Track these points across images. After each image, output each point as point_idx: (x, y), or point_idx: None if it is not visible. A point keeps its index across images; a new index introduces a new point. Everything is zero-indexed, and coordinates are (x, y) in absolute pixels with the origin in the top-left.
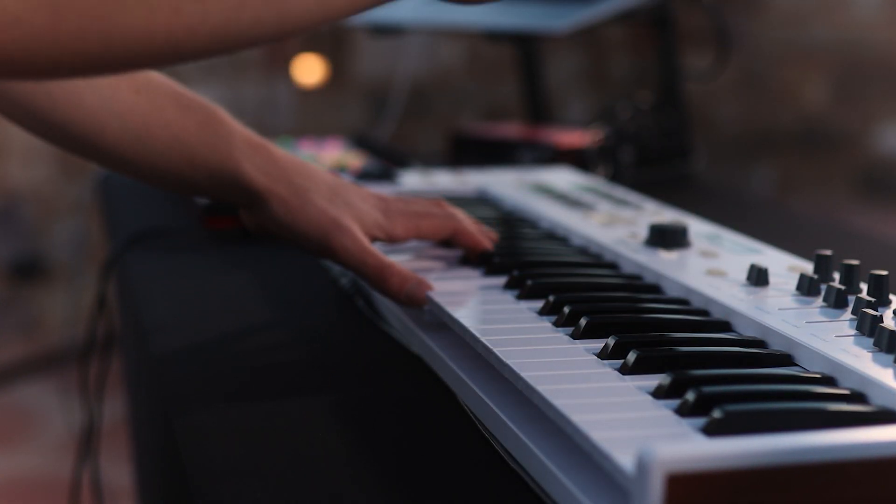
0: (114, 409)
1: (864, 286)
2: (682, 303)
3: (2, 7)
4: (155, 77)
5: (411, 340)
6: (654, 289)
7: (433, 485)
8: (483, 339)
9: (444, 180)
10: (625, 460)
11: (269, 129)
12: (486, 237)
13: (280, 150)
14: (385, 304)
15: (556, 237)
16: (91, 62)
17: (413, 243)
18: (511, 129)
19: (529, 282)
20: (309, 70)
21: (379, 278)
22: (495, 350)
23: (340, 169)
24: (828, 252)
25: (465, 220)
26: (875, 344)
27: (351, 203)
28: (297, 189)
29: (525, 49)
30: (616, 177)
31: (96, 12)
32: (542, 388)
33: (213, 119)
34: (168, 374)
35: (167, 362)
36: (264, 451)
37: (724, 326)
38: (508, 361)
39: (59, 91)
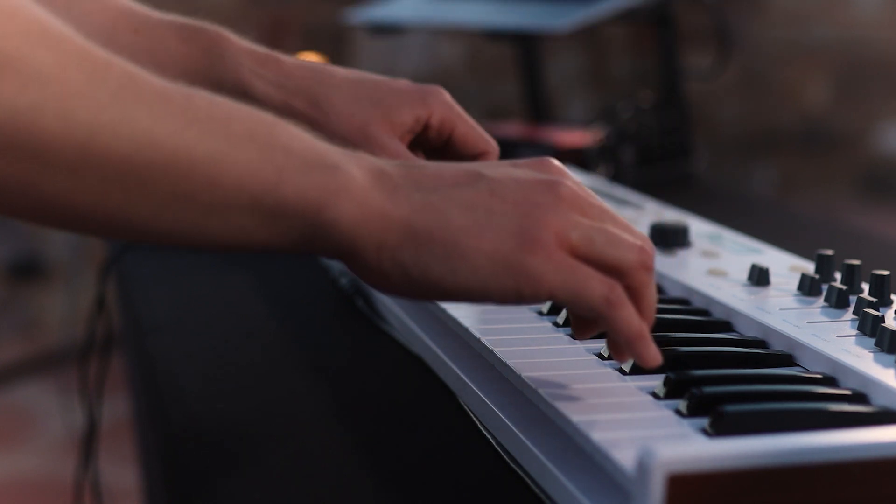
0: (113, 410)
1: (865, 286)
2: (683, 303)
3: None
4: (153, 14)
5: (411, 341)
6: (656, 289)
7: (433, 485)
8: (483, 340)
9: None
10: (626, 461)
11: None
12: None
13: (291, 59)
14: (385, 305)
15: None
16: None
17: None
18: (511, 129)
19: None
20: None
21: None
22: (496, 350)
23: None
24: (829, 252)
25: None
26: (876, 344)
27: (379, 100)
28: (316, 99)
29: (525, 48)
30: (617, 176)
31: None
32: (543, 388)
33: (218, 42)
34: (167, 375)
35: (166, 362)
36: (263, 452)
37: (726, 326)
38: (509, 362)
39: None
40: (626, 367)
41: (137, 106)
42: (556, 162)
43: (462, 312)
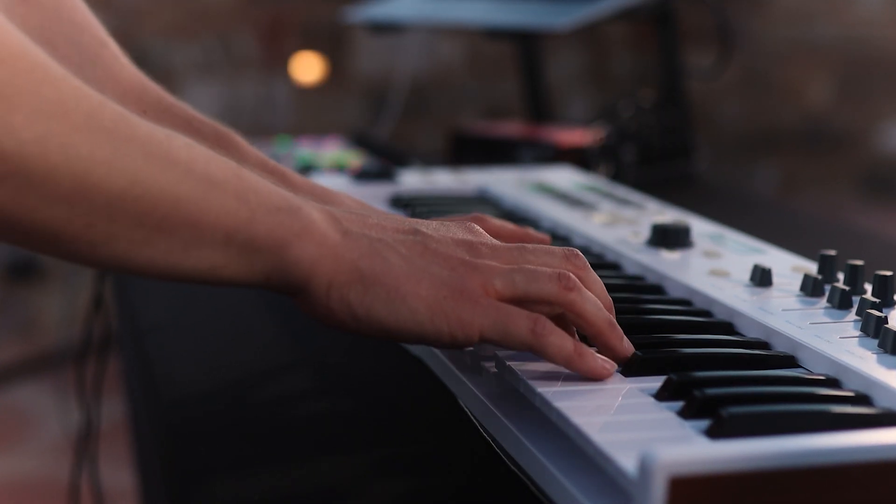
0: (111, 411)
1: (868, 287)
2: (685, 303)
3: None
4: (165, 98)
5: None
6: (657, 289)
7: (433, 486)
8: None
9: (444, 179)
10: (627, 463)
11: (267, 127)
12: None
13: (299, 176)
14: None
15: (556, 237)
16: None
17: None
18: (512, 128)
19: None
20: (307, 68)
21: None
22: (496, 352)
23: (339, 168)
24: (832, 252)
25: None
26: (880, 345)
27: None
28: None
29: (526, 47)
30: (618, 176)
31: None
32: (543, 390)
33: (226, 142)
34: (165, 375)
35: (164, 362)
36: (262, 452)
37: (727, 328)
38: (509, 363)
39: None
40: (628, 368)
41: (130, 145)
42: (475, 226)
43: None
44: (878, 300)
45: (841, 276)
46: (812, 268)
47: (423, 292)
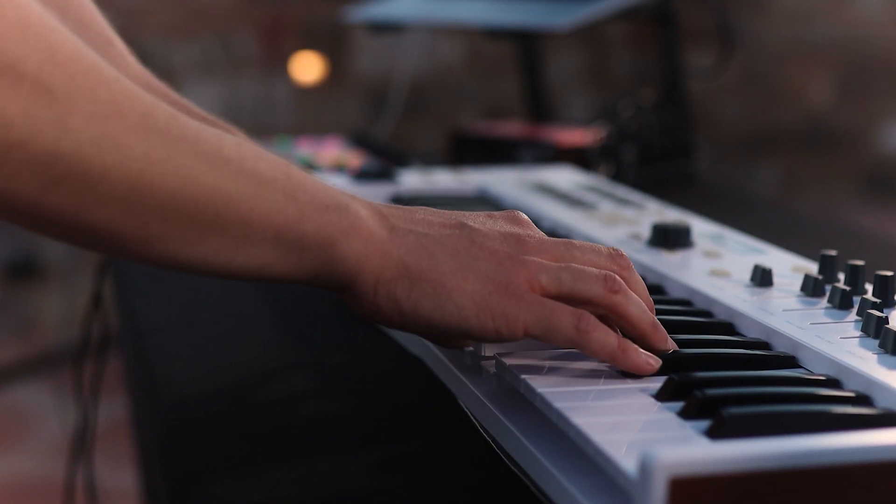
0: (110, 411)
1: (869, 287)
2: (685, 304)
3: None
4: (170, 95)
5: (411, 341)
6: (657, 289)
7: (433, 486)
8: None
9: (445, 179)
10: (627, 463)
11: (267, 127)
12: None
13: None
14: None
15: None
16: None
17: None
18: (512, 128)
19: None
20: (307, 68)
21: None
22: (496, 353)
23: (339, 168)
24: (833, 252)
25: None
26: (881, 345)
27: None
28: None
29: (526, 46)
30: (618, 176)
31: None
32: (544, 390)
33: None
34: (165, 375)
35: (164, 362)
36: (262, 451)
37: (728, 328)
38: (509, 364)
39: None
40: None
41: (181, 145)
42: (523, 215)
43: None
44: (878, 300)
45: (842, 276)
46: (813, 268)
47: (469, 288)
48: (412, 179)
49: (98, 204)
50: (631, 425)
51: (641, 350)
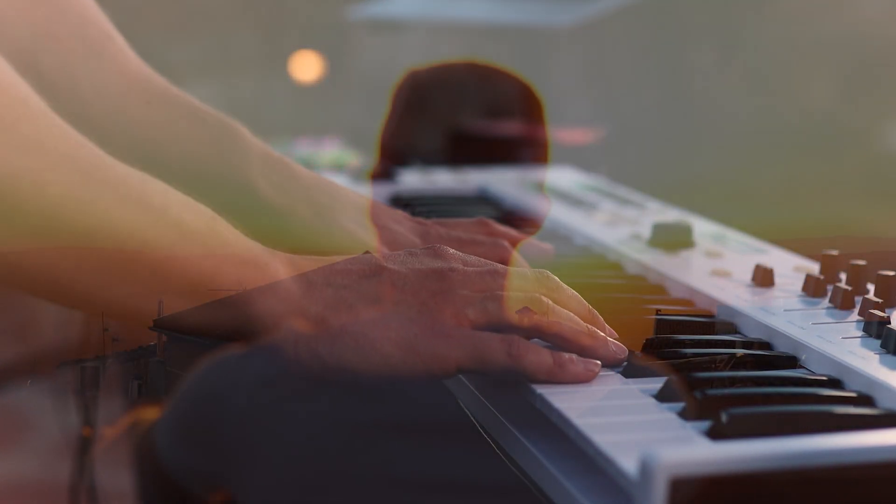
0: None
1: (871, 287)
2: (686, 304)
3: None
4: (170, 89)
5: None
6: (658, 290)
7: (433, 487)
8: None
9: (444, 179)
10: (628, 464)
11: (265, 127)
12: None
13: (303, 168)
14: None
15: (557, 238)
16: None
17: None
18: (512, 127)
19: None
20: (306, 67)
21: None
22: None
23: (339, 167)
24: (834, 252)
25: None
26: (882, 346)
27: (383, 226)
28: (319, 209)
29: (526, 45)
30: (619, 175)
31: None
32: (544, 391)
33: (230, 133)
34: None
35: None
36: (263, 452)
37: (729, 328)
38: None
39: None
40: (629, 369)
41: (103, 188)
42: (447, 249)
43: None
44: (880, 300)
45: (843, 276)
46: (814, 268)
47: (393, 335)
48: (412, 179)
49: (10, 236)
50: (631, 426)
51: (579, 358)
